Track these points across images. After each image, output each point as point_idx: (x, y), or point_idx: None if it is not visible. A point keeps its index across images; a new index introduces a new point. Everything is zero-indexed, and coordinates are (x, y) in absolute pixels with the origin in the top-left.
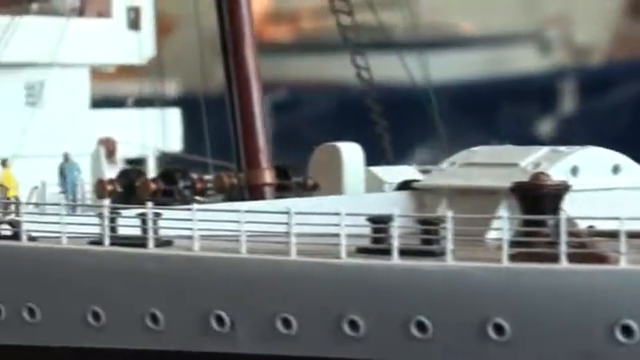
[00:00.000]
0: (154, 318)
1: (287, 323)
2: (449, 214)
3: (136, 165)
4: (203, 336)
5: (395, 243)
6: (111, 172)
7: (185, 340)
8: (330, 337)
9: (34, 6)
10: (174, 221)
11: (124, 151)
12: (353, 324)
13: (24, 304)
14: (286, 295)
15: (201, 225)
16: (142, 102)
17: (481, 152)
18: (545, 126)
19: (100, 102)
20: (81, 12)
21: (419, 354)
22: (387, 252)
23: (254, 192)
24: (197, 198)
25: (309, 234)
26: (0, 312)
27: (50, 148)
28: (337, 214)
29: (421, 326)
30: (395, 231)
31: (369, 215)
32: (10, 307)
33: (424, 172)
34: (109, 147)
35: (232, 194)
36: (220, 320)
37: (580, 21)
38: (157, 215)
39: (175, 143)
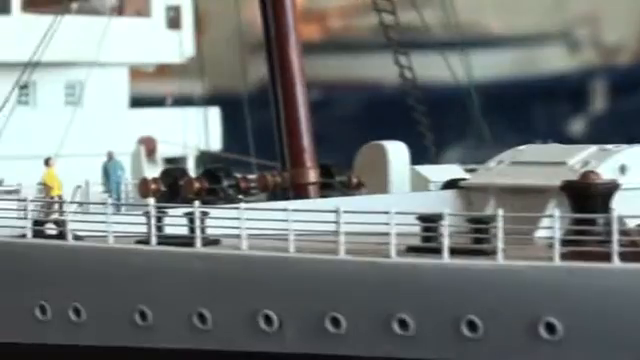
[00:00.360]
0: (202, 318)
1: (336, 322)
2: (500, 212)
3: (176, 164)
4: (251, 336)
5: (446, 242)
6: (151, 171)
7: (233, 340)
8: (379, 336)
9: (74, 5)
10: (222, 220)
11: (164, 150)
12: (403, 323)
13: (70, 304)
14: (335, 294)
15: (249, 224)
16: (181, 101)
17: (528, 151)
18: (576, 125)
19: (138, 101)
20: (120, 11)
21: (470, 353)
22: (437, 251)
23: (298, 191)
24: (240, 197)
25: (358, 233)
26: (46, 311)
27: (89, 147)
28: (386, 213)
29: (472, 325)
30: (446, 230)
31: (419, 214)
32: (56, 307)
33: (468, 171)
34: (149, 146)
35: (275, 193)
36: (268, 319)
37: (609, 20)
38: (204, 214)
39: (215, 142)
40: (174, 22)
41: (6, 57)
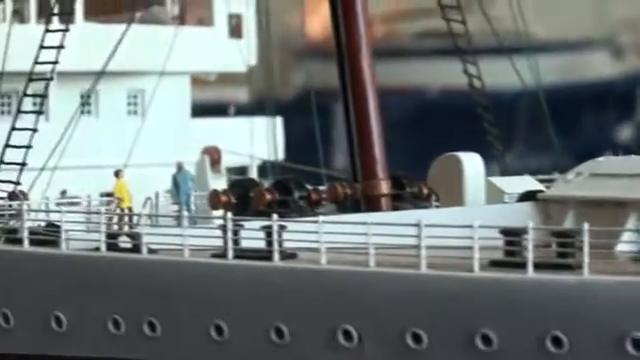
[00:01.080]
0: (279, 332)
1: (417, 338)
2: (586, 226)
3: (239, 174)
4: (330, 351)
5: (530, 256)
6: (216, 181)
7: (311, 355)
8: (461, 352)
9: (136, 15)
10: (299, 233)
11: (227, 160)
12: (486, 339)
13: (145, 318)
14: (416, 309)
15: (328, 237)
16: (244, 110)
17: (607, 163)
18: (625, 132)
19: (200, 110)
20: (182, 20)
21: None
22: (521, 265)
23: (370, 203)
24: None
25: (437, 246)
26: (120, 326)
27: (152, 157)
28: (470, 226)
29: (557, 341)
30: (530, 244)
31: (502, 227)
32: (130, 321)
33: (542, 182)
34: (213, 156)
35: (345, 205)
36: (348, 335)
37: None
38: (282, 227)
39: (278, 152)
40: (237, 31)
41: (68, 66)
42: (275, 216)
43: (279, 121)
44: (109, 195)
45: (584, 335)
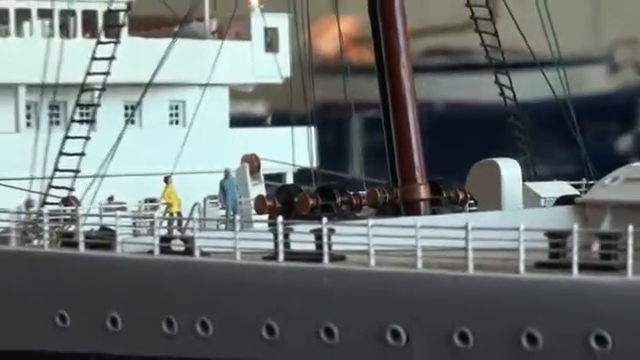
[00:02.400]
0: (329, 332)
1: (464, 337)
2: (630, 229)
3: (277, 181)
4: (379, 350)
5: (575, 257)
6: (255, 188)
7: (360, 354)
8: (508, 351)
9: (176, 29)
10: (348, 236)
11: (266, 167)
12: (531, 338)
13: (197, 318)
14: (463, 310)
15: (376, 240)
16: (279, 120)
17: None
18: (624, 142)
19: (237, 120)
20: (220, 35)
21: None
22: (566, 266)
23: (409, 207)
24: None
25: (482, 249)
26: (173, 326)
27: (194, 165)
28: (516, 229)
29: (601, 340)
30: (575, 245)
31: (547, 230)
32: (183, 321)
33: (576, 187)
34: (253, 164)
35: (384, 209)
36: (396, 334)
37: None
38: (331, 231)
39: (312, 159)
40: (272, 45)
41: (113, 78)
42: (325, 220)
43: (312, 131)
44: (152, 201)
45: (627, 334)
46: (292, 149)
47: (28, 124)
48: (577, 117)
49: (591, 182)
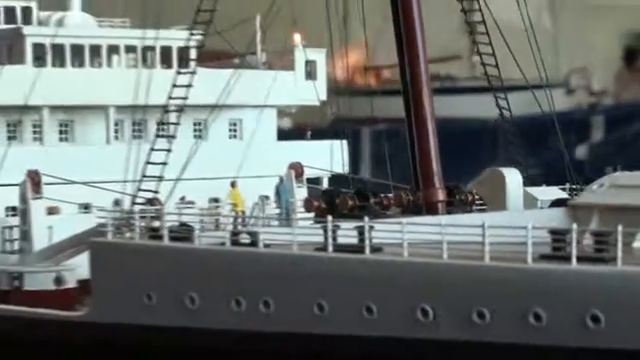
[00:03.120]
0: (369, 310)
1: (481, 315)
2: (619, 228)
3: (316, 184)
4: (410, 324)
5: (574, 251)
6: (300, 190)
7: (394, 327)
8: (518, 327)
9: (235, 61)
10: (385, 232)
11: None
12: (537, 316)
13: (261, 298)
14: (481, 293)
15: (408, 235)
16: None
17: (624, 176)
18: (580, 150)
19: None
20: (270, 66)
21: (593, 341)
22: (566, 258)
23: (429, 207)
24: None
25: (494, 242)
26: (241, 305)
27: (248, 171)
28: (524, 227)
29: (595, 318)
30: (574, 241)
31: (550, 228)
32: (250, 301)
33: (564, 190)
34: (297, 170)
35: (408, 209)
36: (425, 312)
37: (595, 72)
38: (371, 227)
39: (343, 166)
40: (312, 74)
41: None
42: (367, 218)
43: (344, 143)
44: (215, 200)
45: (619, 314)
46: (322, 157)
47: (116, 137)
48: (543, 130)
49: (574, 186)
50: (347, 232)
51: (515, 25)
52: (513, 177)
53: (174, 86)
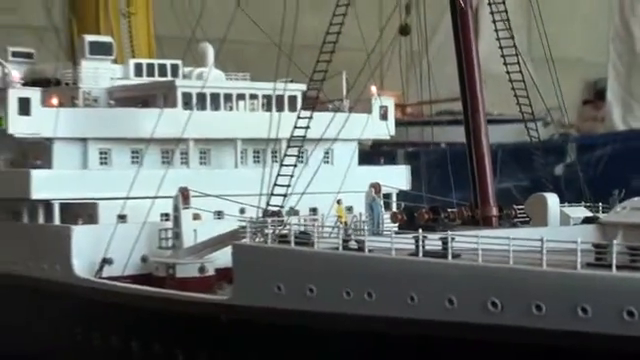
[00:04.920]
0: (450, 301)
1: (539, 308)
2: None
3: (388, 199)
4: (483, 314)
5: (614, 261)
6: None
7: (470, 315)
8: (569, 318)
9: (329, 106)
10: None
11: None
12: (584, 310)
13: (366, 290)
14: (540, 291)
15: (482, 245)
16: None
17: None
18: (558, 169)
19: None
20: (351, 109)
21: (628, 331)
22: (608, 266)
23: (485, 221)
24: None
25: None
26: (350, 294)
27: (335, 189)
28: (575, 242)
29: (630, 313)
30: (614, 253)
31: (593, 242)
32: (357, 292)
33: (589, 209)
34: (376, 188)
35: (468, 222)
36: (494, 304)
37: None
38: (452, 239)
39: (407, 185)
40: (384, 115)
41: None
42: (449, 231)
43: (408, 168)
44: (314, 210)
45: None
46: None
47: (241, 163)
48: (528, 154)
49: (588, 204)
50: (432, 242)
51: (503, 75)
52: (553, 200)
53: (295, 127)
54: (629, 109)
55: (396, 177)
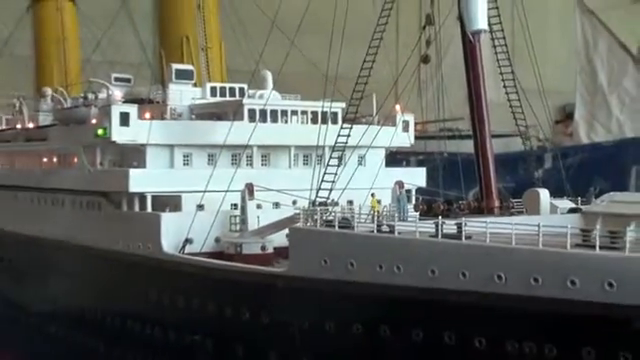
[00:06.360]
0: (464, 275)
1: (536, 280)
2: (628, 228)
3: (409, 193)
4: (490, 285)
5: (597, 242)
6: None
7: (480, 285)
8: (560, 289)
9: (363, 119)
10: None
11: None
12: (573, 282)
13: (394, 264)
14: (536, 266)
15: (490, 229)
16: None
17: (617, 195)
18: (538, 174)
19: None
20: (380, 123)
21: (608, 299)
22: (592, 246)
23: (489, 211)
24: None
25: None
26: (382, 268)
27: (367, 185)
28: (566, 227)
29: (610, 284)
30: (597, 236)
31: (581, 228)
32: (387, 266)
33: (573, 201)
34: (400, 185)
35: (474, 211)
36: (499, 277)
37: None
38: (465, 224)
39: (424, 182)
40: (405, 128)
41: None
42: (464, 218)
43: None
44: (350, 202)
45: (627, 281)
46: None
47: (294, 164)
48: (514, 161)
49: (570, 198)
50: (449, 226)
51: (494, 101)
52: (544, 194)
53: (338, 135)
54: (592, 127)
55: (416, 176)
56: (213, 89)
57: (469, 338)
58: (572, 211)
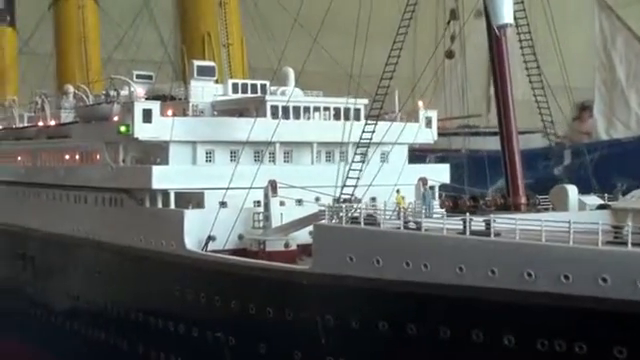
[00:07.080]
0: (492, 272)
1: (567, 277)
2: None
3: (432, 190)
4: (519, 282)
5: (629, 238)
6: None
7: (508, 283)
8: (591, 286)
9: (386, 116)
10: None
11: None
12: (604, 279)
13: (422, 261)
14: (567, 263)
15: (520, 226)
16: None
17: None
18: (557, 170)
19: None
20: (404, 120)
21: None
22: (624, 243)
23: (516, 207)
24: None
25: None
26: (410, 265)
27: (393, 182)
28: (597, 223)
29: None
30: (630, 233)
31: (612, 224)
32: (415, 263)
33: (600, 197)
34: (424, 181)
35: (501, 208)
36: (529, 274)
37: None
38: (494, 220)
39: (448, 179)
40: (429, 123)
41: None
42: (492, 215)
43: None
44: (373, 199)
45: None
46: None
47: (317, 160)
48: (535, 157)
49: (596, 194)
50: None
51: (519, 99)
52: (573, 190)
53: (363, 132)
54: (611, 123)
55: (440, 173)
56: (235, 86)
57: (498, 336)
58: (601, 207)
